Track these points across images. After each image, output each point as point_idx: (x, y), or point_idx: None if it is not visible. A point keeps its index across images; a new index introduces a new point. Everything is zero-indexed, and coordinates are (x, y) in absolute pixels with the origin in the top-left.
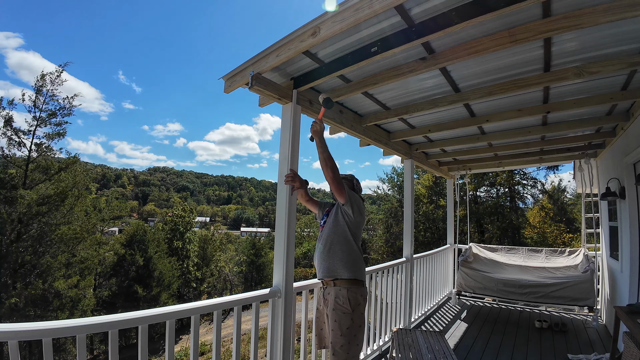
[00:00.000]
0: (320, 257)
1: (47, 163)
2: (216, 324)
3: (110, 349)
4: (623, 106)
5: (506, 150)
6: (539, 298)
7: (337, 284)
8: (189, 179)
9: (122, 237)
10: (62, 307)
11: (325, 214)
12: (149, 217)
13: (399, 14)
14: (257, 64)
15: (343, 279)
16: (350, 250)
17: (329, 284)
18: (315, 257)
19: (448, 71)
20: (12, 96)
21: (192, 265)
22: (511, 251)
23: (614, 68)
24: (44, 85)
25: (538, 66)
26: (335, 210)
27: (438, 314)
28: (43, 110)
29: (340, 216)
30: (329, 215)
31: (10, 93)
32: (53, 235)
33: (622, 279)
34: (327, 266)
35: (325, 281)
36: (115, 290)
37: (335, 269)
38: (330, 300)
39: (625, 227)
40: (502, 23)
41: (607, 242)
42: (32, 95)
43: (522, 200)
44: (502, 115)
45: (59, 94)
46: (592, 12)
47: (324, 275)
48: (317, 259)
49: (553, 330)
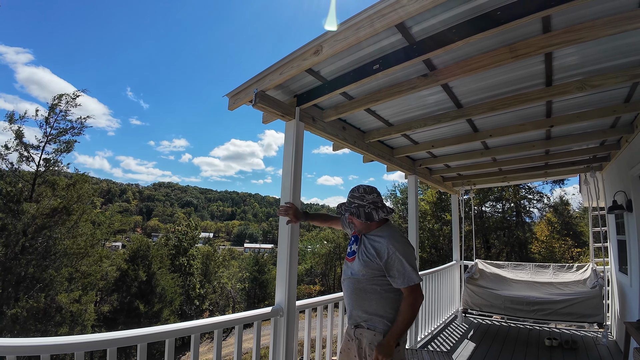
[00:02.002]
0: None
1: (54, 178)
2: (216, 343)
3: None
4: (627, 118)
5: (510, 164)
6: (547, 315)
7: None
8: (193, 194)
9: (125, 253)
10: (62, 322)
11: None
12: (153, 233)
13: (400, 32)
14: (260, 82)
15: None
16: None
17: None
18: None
19: (450, 87)
20: (21, 110)
21: (193, 282)
22: (518, 267)
23: (616, 81)
24: (59, 105)
25: (540, 81)
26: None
27: (445, 333)
28: (54, 128)
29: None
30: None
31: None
32: (57, 249)
33: (632, 293)
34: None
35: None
36: (116, 306)
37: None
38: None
39: (633, 240)
40: (502, 39)
41: (615, 256)
42: (44, 111)
43: (529, 215)
44: (505, 130)
45: (72, 114)
46: (592, 26)
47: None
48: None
49: (563, 348)
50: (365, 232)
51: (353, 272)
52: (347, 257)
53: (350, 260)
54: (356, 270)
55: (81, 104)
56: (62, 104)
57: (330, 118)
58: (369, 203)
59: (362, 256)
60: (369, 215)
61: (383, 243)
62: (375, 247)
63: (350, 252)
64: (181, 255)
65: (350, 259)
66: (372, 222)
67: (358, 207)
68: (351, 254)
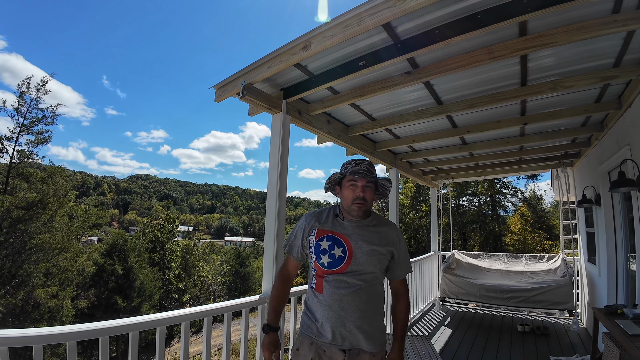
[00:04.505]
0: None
1: (28, 171)
2: (206, 331)
3: (100, 356)
4: (597, 117)
5: (487, 159)
6: (520, 302)
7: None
8: (172, 187)
9: (101, 247)
10: (40, 318)
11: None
12: (130, 226)
13: (386, 31)
14: (248, 75)
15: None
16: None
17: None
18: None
19: (431, 85)
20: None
21: (172, 276)
22: (492, 257)
23: (587, 82)
24: (29, 92)
25: (515, 81)
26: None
27: (423, 320)
28: (26, 118)
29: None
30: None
31: None
32: (33, 243)
33: (600, 282)
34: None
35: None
36: (94, 301)
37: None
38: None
39: (601, 233)
40: (481, 41)
41: (584, 248)
42: (15, 101)
43: (503, 209)
44: (482, 127)
45: (43, 101)
46: (566, 31)
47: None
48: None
49: (535, 334)
50: (359, 222)
51: (358, 278)
52: (328, 268)
53: (339, 271)
54: (364, 272)
55: (52, 90)
56: (31, 91)
57: (315, 112)
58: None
59: (371, 252)
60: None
61: (390, 228)
62: (387, 234)
63: (333, 256)
64: (159, 249)
65: (337, 269)
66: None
67: (385, 183)
68: (338, 260)
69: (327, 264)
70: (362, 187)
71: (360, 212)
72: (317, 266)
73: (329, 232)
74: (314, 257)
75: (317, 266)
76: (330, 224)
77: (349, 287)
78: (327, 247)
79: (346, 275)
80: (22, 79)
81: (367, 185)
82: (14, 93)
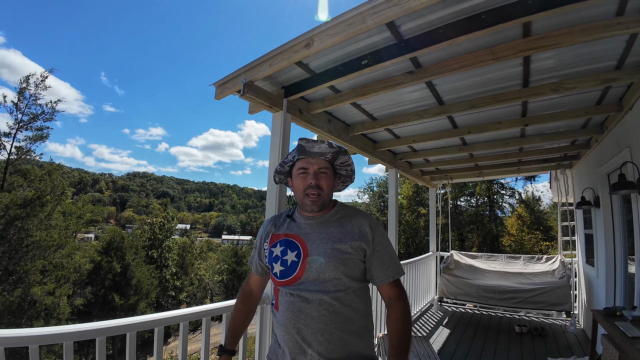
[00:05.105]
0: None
1: (26, 167)
2: (205, 330)
3: (97, 356)
4: (597, 120)
5: (486, 160)
6: (518, 303)
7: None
8: (170, 185)
9: (98, 244)
10: (37, 316)
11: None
12: (127, 224)
13: (389, 29)
14: (249, 72)
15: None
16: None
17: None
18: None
19: (433, 85)
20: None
21: (169, 275)
22: (491, 258)
23: (589, 84)
24: (28, 88)
25: (517, 82)
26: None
27: (421, 320)
28: (25, 114)
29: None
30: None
31: None
32: (30, 240)
33: (598, 284)
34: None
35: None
36: (90, 299)
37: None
38: None
39: (600, 235)
40: (485, 41)
41: (583, 249)
42: (14, 96)
43: (501, 210)
44: (482, 127)
45: (42, 97)
46: (569, 33)
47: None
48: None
49: (533, 335)
50: (318, 219)
51: (317, 287)
52: (281, 279)
53: (292, 280)
54: (324, 280)
55: (51, 86)
56: (31, 87)
57: (316, 110)
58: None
59: (330, 252)
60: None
61: (360, 217)
62: (354, 226)
63: (285, 263)
64: (157, 246)
65: (290, 279)
66: (330, 200)
67: (344, 159)
68: (291, 267)
69: (279, 273)
70: (314, 173)
71: (316, 205)
72: (272, 277)
73: (283, 235)
74: (269, 267)
75: (272, 277)
76: (286, 225)
77: (305, 301)
78: (279, 253)
79: (301, 286)
80: (19, 74)
81: (322, 170)
82: (12, 89)
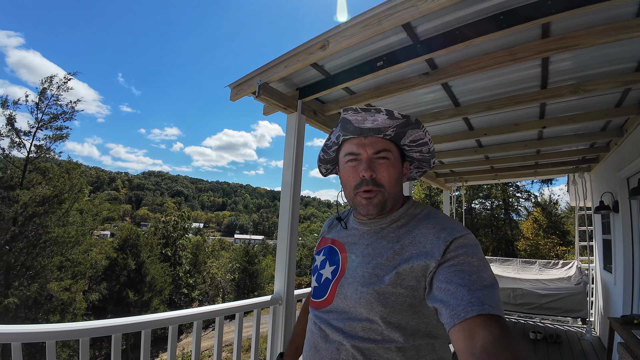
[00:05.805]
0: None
1: (45, 165)
2: (218, 330)
3: (113, 352)
4: (617, 122)
5: (502, 163)
6: (533, 309)
7: None
8: (184, 184)
9: (114, 241)
10: (54, 310)
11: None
12: (142, 222)
13: (405, 31)
14: (264, 74)
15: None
16: None
17: None
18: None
19: (449, 86)
20: (11, 94)
21: (182, 272)
22: (506, 262)
23: (608, 86)
24: (50, 89)
25: (535, 83)
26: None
27: None
28: (45, 113)
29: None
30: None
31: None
32: (47, 237)
33: (615, 291)
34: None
35: None
36: (106, 295)
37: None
38: None
39: (618, 240)
40: (502, 42)
41: (600, 255)
42: (35, 96)
43: (516, 213)
44: (499, 129)
45: (63, 98)
46: (588, 34)
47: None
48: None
49: (547, 342)
50: (374, 224)
51: (342, 324)
52: (313, 298)
53: (322, 304)
54: (350, 316)
55: (73, 87)
56: (52, 87)
57: (331, 112)
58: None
59: (372, 279)
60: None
61: (433, 231)
62: (421, 237)
63: (320, 278)
64: (171, 244)
65: (320, 302)
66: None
67: (424, 144)
68: (324, 285)
69: (313, 290)
70: (367, 161)
71: (373, 206)
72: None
73: (330, 240)
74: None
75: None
76: (339, 227)
77: (324, 339)
78: (319, 263)
79: (328, 315)
80: (38, 75)
81: (381, 155)
82: (31, 89)
